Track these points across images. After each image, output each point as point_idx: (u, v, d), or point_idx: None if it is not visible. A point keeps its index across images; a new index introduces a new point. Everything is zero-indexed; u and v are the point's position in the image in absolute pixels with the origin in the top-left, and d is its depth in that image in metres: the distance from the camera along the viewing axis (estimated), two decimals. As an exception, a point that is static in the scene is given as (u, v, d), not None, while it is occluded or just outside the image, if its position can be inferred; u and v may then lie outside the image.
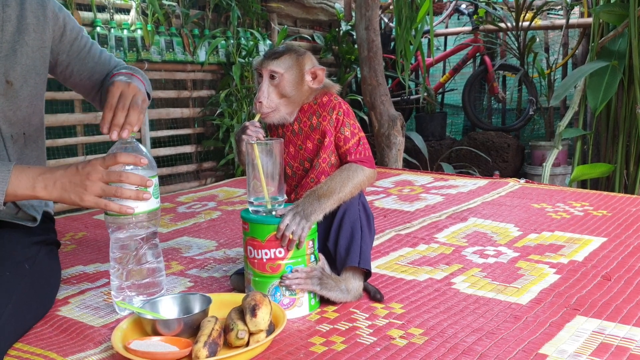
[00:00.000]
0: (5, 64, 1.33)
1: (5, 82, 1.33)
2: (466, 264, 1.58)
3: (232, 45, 3.82)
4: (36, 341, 1.20)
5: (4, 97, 1.34)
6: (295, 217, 1.23)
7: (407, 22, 3.75)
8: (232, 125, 3.70)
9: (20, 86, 1.36)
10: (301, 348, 1.12)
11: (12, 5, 1.36)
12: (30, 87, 1.39)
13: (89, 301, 1.41)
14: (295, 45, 1.64)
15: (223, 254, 1.75)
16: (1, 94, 1.33)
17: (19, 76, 1.35)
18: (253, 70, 1.37)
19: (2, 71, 1.33)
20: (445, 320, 1.22)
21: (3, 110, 1.34)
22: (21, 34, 1.36)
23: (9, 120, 1.36)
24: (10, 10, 1.35)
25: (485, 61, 4.87)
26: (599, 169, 3.29)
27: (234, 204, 2.44)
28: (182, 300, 1.23)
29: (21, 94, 1.37)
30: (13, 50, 1.35)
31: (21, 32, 1.36)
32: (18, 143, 1.38)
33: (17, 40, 1.35)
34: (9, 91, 1.34)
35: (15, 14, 1.36)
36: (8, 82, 1.34)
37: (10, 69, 1.34)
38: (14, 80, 1.35)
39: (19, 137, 1.38)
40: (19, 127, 1.38)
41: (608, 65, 3.24)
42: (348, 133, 1.34)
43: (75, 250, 1.86)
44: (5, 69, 1.33)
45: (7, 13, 1.35)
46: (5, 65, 1.33)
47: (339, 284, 1.30)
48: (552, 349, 1.08)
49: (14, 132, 1.37)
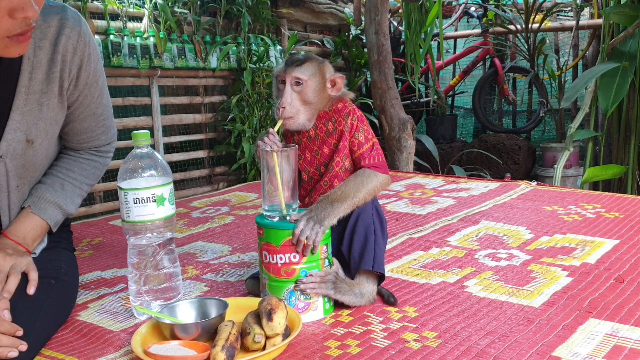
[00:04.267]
0: (28, 120, 1.20)
1: (26, 141, 1.21)
2: (479, 267, 1.59)
3: (243, 51, 3.85)
4: (57, 346, 1.22)
5: (22, 158, 1.24)
6: (309, 222, 1.25)
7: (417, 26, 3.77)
8: (243, 130, 3.73)
9: (40, 143, 1.25)
10: (317, 351, 1.14)
11: (44, 47, 1.20)
12: (49, 138, 1.28)
13: (107, 306, 1.44)
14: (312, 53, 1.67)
15: (237, 258, 1.78)
16: (19, 155, 1.22)
17: (41, 133, 1.24)
18: (273, 78, 1.38)
19: (23, 129, 1.20)
20: (458, 324, 1.24)
21: (17, 169, 1.25)
22: (50, 84, 1.22)
23: (19, 176, 1.28)
24: (41, 54, 1.19)
25: (495, 63, 4.87)
26: (610, 171, 3.28)
27: (247, 208, 2.47)
28: (200, 304, 1.26)
29: (40, 151, 1.27)
30: (39, 104, 1.21)
31: (50, 81, 1.22)
32: (23, 190, 1.32)
33: (45, 91, 1.22)
34: (28, 150, 1.23)
35: (46, 58, 1.20)
36: (29, 140, 1.21)
37: (33, 126, 1.21)
38: (35, 139, 1.23)
39: (25, 184, 1.31)
40: (28, 177, 1.31)
41: (619, 66, 3.24)
42: (362, 138, 1.36)
43: (92, 256, 1.89)
44: (28, 127, 1.20)
45: (38, 57, 1.19)
46: (28, 123, 1.20)
47: (352, 288, 1.32)
48: (565, 352, 1.09)
49: (21, 183, 1.30)
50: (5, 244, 1.26)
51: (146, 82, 3.45)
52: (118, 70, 3.24)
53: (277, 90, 1.38)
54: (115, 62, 3.18)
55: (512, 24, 4.93)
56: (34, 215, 1.31)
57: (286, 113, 1.34)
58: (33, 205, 1.31)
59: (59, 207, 1.35)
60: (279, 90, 1.37)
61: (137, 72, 3.34)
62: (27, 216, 1.31)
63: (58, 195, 1.35)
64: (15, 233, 1.28)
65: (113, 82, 3.27)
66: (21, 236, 1.29)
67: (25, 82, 1.19)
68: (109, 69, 3.19)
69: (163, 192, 1.30)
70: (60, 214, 1.36)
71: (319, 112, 1.39)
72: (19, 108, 1.20)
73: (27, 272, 1.22)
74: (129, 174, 1.30)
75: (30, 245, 1.30)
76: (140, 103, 3.46)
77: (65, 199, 1.36)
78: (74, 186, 1.39)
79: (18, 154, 1.23)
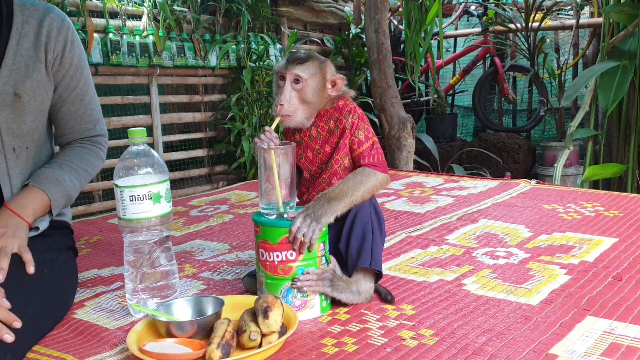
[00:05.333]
0: (16, 77, 1.35)
1: (14, 95, 1.34)
2: (477, 265, 1.58)
3: (242, 50, 3.85)
4: (53, 344, 1.22)
5: (10, 109, 1.35)
6: (306, 219, 1.25)
7: (417, 25, 3.77)
8: (243, 128, 3.73)
9: (28, 100, 1.37)
10: (313, 349, 1.14)
11: (31, 23, 1.38)
12: (37, 102, 1.40)
13: (104, 304, 1.43)
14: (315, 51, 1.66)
15: (235, 256, 1.77)
16: (7, 105, 1.34)
17: (28, 90, 1.36)
18: (274, 74, 1.38)
19: (11, 83, 1.34)
20: (456, 321, 1.23)
21: (7, 122, 1.35)
22: (37, 51, 1.38)
23: (12, 133, 1.36)
24: (28, 27, 1.38)
25: (495, 62, 4.86)
26: (610, 170, 3.27)
27: (246, 207, 2.46)
28: (196, 302, 1.25)
29: (28, 107, 1.38)
30: (26, 64, 1.36)
31: (37, 48, 1.38)
32: (21, 157, 1.39)
33: (31, 55, 1.37)
34: (16, 104, 1.35)
35: (33, 31, 1.38)
36: (16, 94, 1.35)
37: (20, 82, 1.35)
38: (22, 94, 1.36)
39: (22, 151, 1.39)
40: (22, 140, 1.38)
41: (619, 65, 3.23)
42: (362, 136, 1.35)
43: (90, 254, 1.88)
44: (15, 82, 1.35)
45: (25, 29, 1.37)
46: (15, 78, 1.35)
47: (350, 286, 1.31)
48: (562, 349, 1.09)
49: (16, 145, 1.37)
50: (1, 219, 1.28)
51: (145, 81, 3.45)
52: (117, 68, 3.24)
53: (276, 86, 1.37)
54: (115, 61, 3.18)
55: (512, 23, 4.92)
56: (34, 187, 1.35)
57: (284, 110, 1.33)
58: (32, 180, 1.37)
59: (58, 182, 1.38)
60: (278, 86, 1.36)
61: (137, 71, 3.33)
62: (27, 188, 1.36)
63: (56, 171, 1.40)
64: (14, 203, 1.32)
65: (112, 81, 3.27)
66: (20, 206, 1.32)
67: (14, 47, 1.36)
68: (108, 67, 3.19)
69: (159, 189, 1.30)
70: (59, 191, 1.38)
71: (319, 111, 1.38)
72: (8, 66, 1.35)
73: (20, 254, 1.25)
74: (125, 171, 1.30)
75: (30, 216, 1.32)
76: (140, 102, 3.46)
77: (64, 175, 1.40)
78: (72, 168, 1.44)
79: (7, 104, 1.34)
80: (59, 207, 1.40)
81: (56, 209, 1.38)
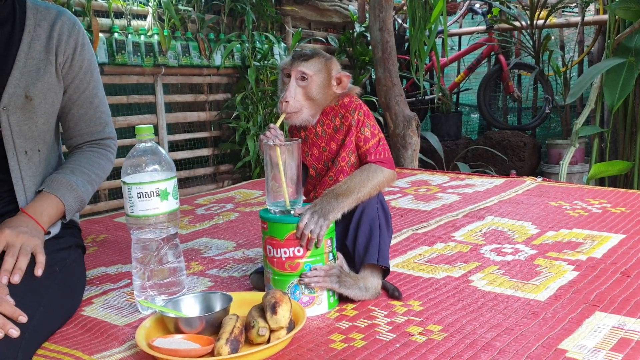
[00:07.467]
0: (27, 79, 1.35)
1: (25, 97, 1.35)
2: (484, 261, 1.58)
3: (247, 49, 3.85)
4: (62, 340, 1.23)
5: (22, 112, 1.35)
6: (313, 215, 1.25)
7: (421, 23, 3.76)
8: (248, 128, 3.73)
9: (39, 103, 1.38)
10: (321, 345, 1.14)
11: (43, 26, 1.39)
12: (48, 104, 1.40)
13: (112, 301, 1.44)
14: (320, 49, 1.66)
15: (242, 254, 1.77)
16: (19, 108, 1.35)
17: (39, 92, 1.37)
18: (279, 71, 1.38)
19: (22, 85, 1.35)
20: (463, 317, 1.23)
21: (19, 125, 1.36)
22: (48, 53, 1.39)
23: (24, 135, 1.37)
24: (40, 30, 1.39)
25: (500, 60, 4.85)
26: (616, 167, 3.26)
27: (252, 205, 2.47)
28: (204, 298, 1.25)
29: (39, 110, 1.38)
30: (37, 67, 1.37)
31: (48, 51, 1.39)
32: (33, 160, 1.39)
33: (42, 58, 1.38)
34: (27, 106, 1.36)
35: (45, 34, 1.39)
36: (27, 97, 1.35)
37: (31, 84, 1.36)
38: (33, 96, 1.36)
39: (34, 154, 1.39)
40: (33, 143, 1.39)
41: (625, 62, 3.22)
42: (368, 133, 1.35)
43: (97, 252, 1.89)
44: (27, 84, 1.35)
45: (37, 32, 1.38)
46: (27, 81, 1.35)
47: (357, 282, 1.31)
48: (571, 345, 1.09)
49: (28, 147, 1.38)
50: (21, 221, 1.29)
51: (150, 80, 3.45)
52: (122, 68, 3.24)
53: (282, 83, 1.37)
54: (120, 60, 3.18)
55: (517, 21, 4.91)
56: (48, 193, 1.36)
57: (289, 108, 1.33)
58: (46, 187, 1.38)
59: (71, 187, 1.38)
60: (283, 83, 1.36)
61: (142, 70, 3.34)
62: (42, 195, 1.36)
63: (69, 177, 1.40)
64: (30, 209, 1.33)
65: (117, 80, 3.28)
66: (38, 212, 1.33)
67: (25, 49, 1.37)
68: (113, 67, 3.19)
69: (167, 186, 1.30)
70: (73, 196, 1.39)
71: (324, 108, 1.38)
72: (19, 68, 1.36)
73: (35, 254, 1.25)
74: (132, 169, 1.30)
75: (46, 223, 1.33)
76: (145, 101, 3.47)
77: (77, 180, 1.41)
78: (84, 173, 1.44)
79: (18, 107, 1.35)
80: (73, 212, 1.40)
81: (70, 214, 1.39)
